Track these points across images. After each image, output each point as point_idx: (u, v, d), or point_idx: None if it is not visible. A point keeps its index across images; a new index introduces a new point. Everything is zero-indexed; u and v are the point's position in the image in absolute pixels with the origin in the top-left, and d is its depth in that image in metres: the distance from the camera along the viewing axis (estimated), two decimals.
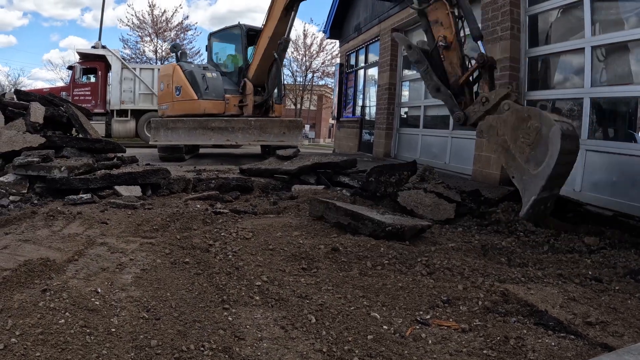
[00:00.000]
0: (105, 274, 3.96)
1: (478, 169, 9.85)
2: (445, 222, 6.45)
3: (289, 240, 5.02)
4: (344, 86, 21.28)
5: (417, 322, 3.31)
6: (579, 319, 3.31)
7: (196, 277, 3.99)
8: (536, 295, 3.67)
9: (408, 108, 15.37)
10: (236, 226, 5.50)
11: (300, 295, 3.64)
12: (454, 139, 11.90)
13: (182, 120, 11.95)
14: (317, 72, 54.34)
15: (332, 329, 3.11)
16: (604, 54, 7.60)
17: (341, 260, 4.50)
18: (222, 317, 3.24)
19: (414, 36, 14.82)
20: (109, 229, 5.39)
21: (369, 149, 17.07)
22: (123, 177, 7.49)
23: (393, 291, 3.82)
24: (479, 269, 4.36)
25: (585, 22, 7.66)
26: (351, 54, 20.46)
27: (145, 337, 2.90)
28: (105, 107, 23.43)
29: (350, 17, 20.08)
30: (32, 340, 2.74)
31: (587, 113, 7.64)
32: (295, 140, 12.70)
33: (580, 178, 7.65)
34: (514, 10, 9.05)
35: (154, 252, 4.59)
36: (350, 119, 20.26)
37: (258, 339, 2.98)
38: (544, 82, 9.09)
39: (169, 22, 44.52)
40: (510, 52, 9.02)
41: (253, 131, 12.19)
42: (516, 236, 5.80)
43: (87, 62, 24.10)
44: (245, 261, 4.35)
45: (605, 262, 4.85)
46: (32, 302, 3.20)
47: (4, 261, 4.08)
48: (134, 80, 23.33)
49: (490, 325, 3.25)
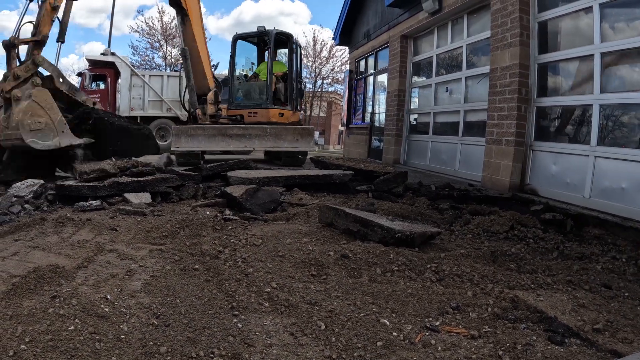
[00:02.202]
0: (114, 280, 3.97)
1: (487, 176, 9.83)
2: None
3: (299, 246, 5.02)
4: (353, 93, 21.27)
5: (427, 328, 3.30)
6: (589, 325, 3.30)
7: (206, 284, 4.00)
8: (546, 302, 3.65)
9: (417, 114, 15.34)
10: (246, 233, 5.50)
11: (309, 301, 3.64)
12: (464, 146, 11.89)
13: (202, 128, 12.08)
14: (326, 79, 54.41)
15: (342, 335, 3.11)
16: (614, 61, 7.58)
17: (351, 267, 4.49)
18: (231, 324, 3.25)
19: (423, 43, 14.84)
20: (118, 236, 5.41)
21: (379, 156, 17.04)
22: (132, 185, 7.51)
23: (403, 297, 3.82)
24: (488, 275, 4.35)
25: (595, 29, 7.63)
26: (360, 60, 20.46)
27: (155, 343, 2.90)
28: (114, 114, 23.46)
29: (359, 23, 20.10)
30: (42, 346, 2.75)
31: (596, 119, 7.61)
32: (308, 146, 12.82)
33: (589, 184, 7.61)
34: (523, 17, 9.04)
35: (163, 259, 4.60)
36: (360, 125, 20.24)
37: (267, 346, 2.98)
38: (553, 89, 9.06)
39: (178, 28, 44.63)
40: (519, 59, 9.00)
41: (269, 138, 12.34)
42: (526, 242, 5.79)
43: (97, 68, 24.12)
44: (255, 268, 4.35)
45: (614, 269, 4.84)
46: (41, 309, 3.21)
47: (13, 268, 4.11)
48: (143, 87, 23.35)
49: (499, 331, 3.24)
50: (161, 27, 45.03)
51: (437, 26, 13.61)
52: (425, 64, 14.82)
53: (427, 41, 14.59)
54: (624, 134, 7.48)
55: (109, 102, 23.62)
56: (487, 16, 10.61)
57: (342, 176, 9.02)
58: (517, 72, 9.04)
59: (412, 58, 15.38)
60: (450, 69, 13.20)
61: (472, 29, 11.85)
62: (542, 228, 6.35)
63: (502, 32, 9.51)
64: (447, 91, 13.22)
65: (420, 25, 13.93)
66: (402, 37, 15.28)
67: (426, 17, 13.30)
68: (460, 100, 12.24)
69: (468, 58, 12.04)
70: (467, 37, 11.95)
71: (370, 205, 7.02)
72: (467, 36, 11.99)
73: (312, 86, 54.30)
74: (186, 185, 8.17)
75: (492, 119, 9.80)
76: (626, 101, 7.28)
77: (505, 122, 9.32)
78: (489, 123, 9.94)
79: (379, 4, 17.21)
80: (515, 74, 9.06)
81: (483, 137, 10.29)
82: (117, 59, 23.49)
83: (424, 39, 14.75)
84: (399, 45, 15.42)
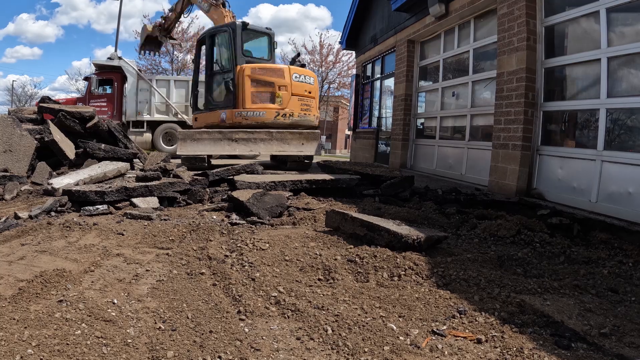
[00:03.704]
0: (121, 284, 3.99)
1: (494, 180, 9.82)
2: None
3: (305, 251, 5.02)
4: (360, 97, 21.28)
5: (434, 333, 3.30)
6: (595, 329, 3.29)
7: (212, 288, 4.00)
8: (552, 306, 3.65)
9: (424, 119, 15.34)
10: (252, 237, 5.50)
11: (316, 306, 3.64)
12: (470, 150, 11.87)
13: (208, 132, 12.13)
14: (333, 83, 54.45)
15: (349, 339, 3.11)
16: (620, 65, 7.56)
17: (357, 271, 4.50)
18: (238, 328, 3.25)
19: (430, 47, 14.85)
20: (125, 240, 5.42)
21: (385, 160, 17.04)
22: (139, 190, 7.53)
23: (409, 302, 3.81)
24: (495, 279, 4.34)
25: (602, 33, 7.62)
26: (367, 64, 20.48)
27: (162, 348, 2.91)
28: (121, 119, 23.40)
29: (366, 28, 20.13)
30: (49, 351, 2.76)
31: (603, 124, 7.59)
32: (313, 150, 12.81)
33: (596, 189, 7.59)
34: (530, 22, 9.04)
35: (170, 263, 4.61)
36: (367, 129, 20.25)
37: (274, 350, 2.98)
38: (560, 93, 9.05)
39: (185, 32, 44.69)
40: (526, 63, 9.00)
41: (274, 142, 12.35)
42: (532, 247, 5.77)
43: (103, 73, 24.15)
44: (262, 272, 4.36)
45: (621, 273, 4.82)
46: (48, 313, 3.22)
47: (20, 272, 4.12)
48: (150, 91, 23.39)
49: (506, 336, 3.23)
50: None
51: (443, 30, 13.62)
52: (432, 68, 14.82)
53: (433, 45, 14.60)
54: (630, 138, 7.46)
55: (115, 106, 23.65)
56: (493, 20, 10.61)
57: (348, 180, 9.01)
58: (523, 76, 9.03)
59: (419, 62, 15.39)
60: (457, 73, 13.19)
61: (478, 34, 11.85)
62: (549, 232, 6.33)
63: (509, 36, 9.51)
64: (453, 95, 13.22)
65: (426, 29, 13.94)
66: (408, 42, 15.30)
67: (433, 21, 13.32)
68: (466, 104, 12.23)
69: (474, 62, 12.03)
70: (474, 41, 11.95)
71: (377, 210, 7.01)
72: (473, 40, 11.99)
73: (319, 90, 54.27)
74: (193, 190, 8.18)
75: (498, 124, 9.79)
76: (633, 105, 7.26)
77: (512, 127, 9.31)
78: (495, 127, 9.93)
79: (385, 8, 17.23)
80: (522, 78, 9.06)
81: (490, 141, 10.29)
82: (123, 63, 23.50)
83: (431, 43, 14.75)
84: (406, 49, 15.43)
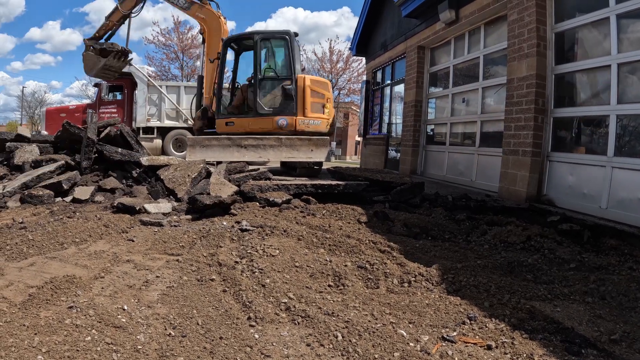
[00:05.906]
0: (131, 291, 4.00)
1: (504, 186, 9.78)
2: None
3: (316, 257, 5.02)
4: (370, 103, 21.25)
5: (444, 339, 3.29)
6: (605, 336, 3.28)
7: (222, 294, 4.01)
8: (562, 313, 3.64)
9: (434, 125, 15.30)
10: (262, 243, 5.50)
11: (326, 312, 3.64)
12: (480, 156, 11.83)
13: (217, 139, 12.17)
14: (343, 90, 54.42)
15: (359, 346, 3.11)
16: (630, 71, 7.53)
17: (368, 277, 4.50)
18: (248, 335, 3.26)
19: (440, 53, 14.83)
20: (135, 246, 5.44)
21: (396, 166, 17.01)
22: None
23: (420, 308, 3.82)
24: (505, 286, 4.33)
25: (612, 39, 7.59)
26: (377, 70, 20.46)
27: (172, 354, 2.92)
28: (131, 125, 23.43)
29: (376, 34, 20.12)
30: (59, 357, 2.78)
31: (613, 130, 7.55)
32: (323, 156, 12.79)
33: (606, 195, 7.55)
34: (540, 28, 9.01)
35: (180, 269, 4.63)
36: (377, 136, 20.22)
37: (284, 357, 2.99)
38: (570, 99, 9.02)
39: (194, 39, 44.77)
40: (536, 69, 8.97)
41: (283, 148, 12.34)
42: (542, 253, 5.75)
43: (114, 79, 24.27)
44: (272, 278, 4.37)
45: (631, 280, 4.80)
46: (58, 319, 3.24)
47: (30, 278, 4.14)
48: (160, 97, 23.44)
49: (517, 342, 3.22)
50: (177, 37, 45.35)
51: (453, 37, 13.59)
52: (442, 75, 14.80)
53: (444, 52, 14.58)
54: None
55: (125, 112, 23.71)
56: (504, 27, 10.58)
57: (356, 186, 9.05)
58: (533, 82, 9.01)
59: (429, 68, 15.36)
60: (467, 79, 13.16)
61: (488, 40, 11.82)
62: (559, 239, 6.31)
63: (519, 42, 9.49)
64: (464, 102, 13.19)
65: (437, 35, 13.93)
66: (418, 48, 15.28)
67: (443, 27, 13.30)
68: (477, 110, 12.20)
69: (485, 69, 12.00)
70: (484, 47, 11.92)
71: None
72: (483, 47, 11.96)
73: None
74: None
75: (508, 130, 9.76)
76: None
77: (522, 133, 9.28)
78: (505, 134, 9.90)
79: (396, 14, 17.22)
80: (532, 84, 9.03)
81: (500, 147, 10.25)
82: (133, 69, 23.52)
83: (441, 50, 14.73)
84: (416, 55, 15.41)
